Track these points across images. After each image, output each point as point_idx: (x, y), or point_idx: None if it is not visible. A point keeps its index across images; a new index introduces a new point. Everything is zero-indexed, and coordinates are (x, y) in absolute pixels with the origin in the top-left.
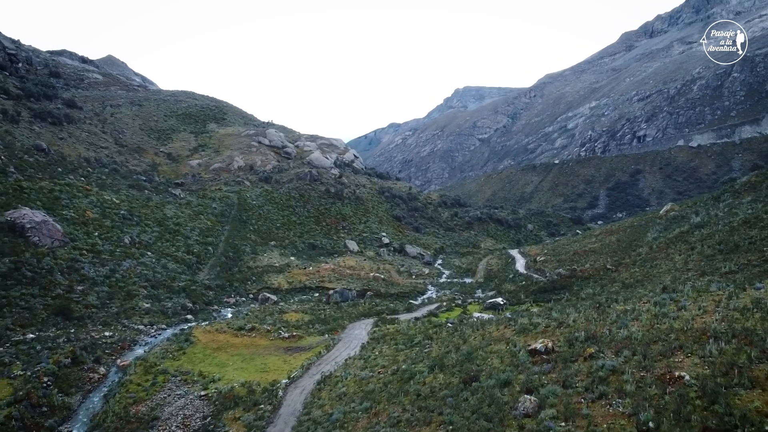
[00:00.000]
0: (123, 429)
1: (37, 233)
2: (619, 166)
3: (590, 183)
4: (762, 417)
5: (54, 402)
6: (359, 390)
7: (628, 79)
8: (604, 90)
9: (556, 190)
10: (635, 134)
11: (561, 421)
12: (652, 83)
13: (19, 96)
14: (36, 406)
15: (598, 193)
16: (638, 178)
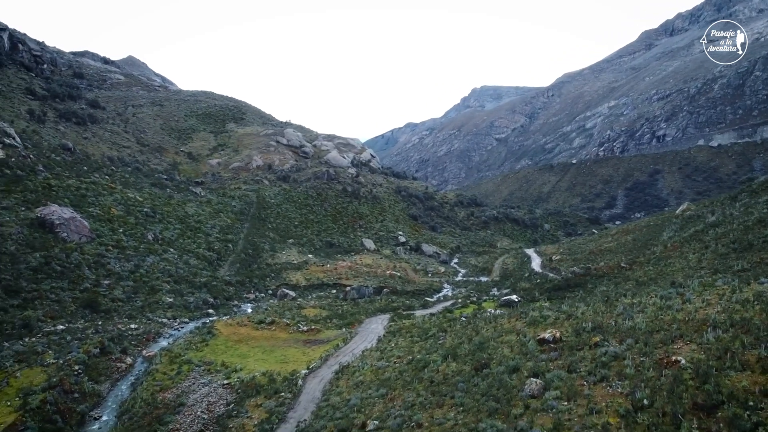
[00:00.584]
0: (151, 414)
1: (65, 229)
2: (638, 166)
3: (608, 183)
4: (747, 394)
5: (85, 389)
6: (376, 378)
7: (648, 78)
8: (623, 89)
9: (573, 190)
10: (654, 134)
11: (564, 401)
12: (672, 82)
13: (44, 96)
14: (68, 392)
15: (616, 193)
16: (657, 179)
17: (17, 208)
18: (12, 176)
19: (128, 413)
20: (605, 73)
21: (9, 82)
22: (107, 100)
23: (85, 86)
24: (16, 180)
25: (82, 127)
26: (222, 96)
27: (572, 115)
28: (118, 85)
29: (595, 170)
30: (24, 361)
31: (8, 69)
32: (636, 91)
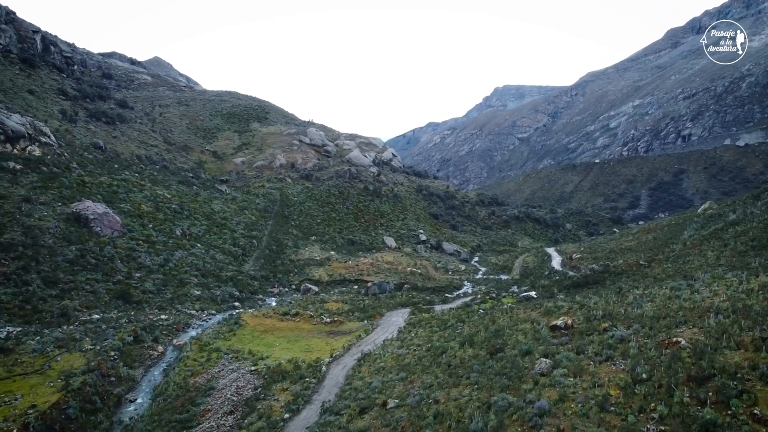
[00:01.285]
0: (184, 396)
1: (99, 224)
2: (662, 166)
3: (632, 183)
4: (738, 368)
5: (120, 373)
6: (396, 364)
7: (674, 77)
8: (648, 88)
9: (596, 189)
10: (680, 133)
11: (570, 377)
12: (698, 81)
13: (75, 97)
14: (105, 376)
15: (640, 193)
16: (682, 178)
17: (54, 204)
18: (48, 173)
19: (162, 395)
20: (630, 72)
21: (42, 83)
22: (135, 100)
23: (114, 86)
24: (52, 177)
25: (111, 126)
26: (246, 96)
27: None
28: (145, 86)
29: (618, 170)
30: (64, 347)
31: (41, 70)
32: (661, 90)
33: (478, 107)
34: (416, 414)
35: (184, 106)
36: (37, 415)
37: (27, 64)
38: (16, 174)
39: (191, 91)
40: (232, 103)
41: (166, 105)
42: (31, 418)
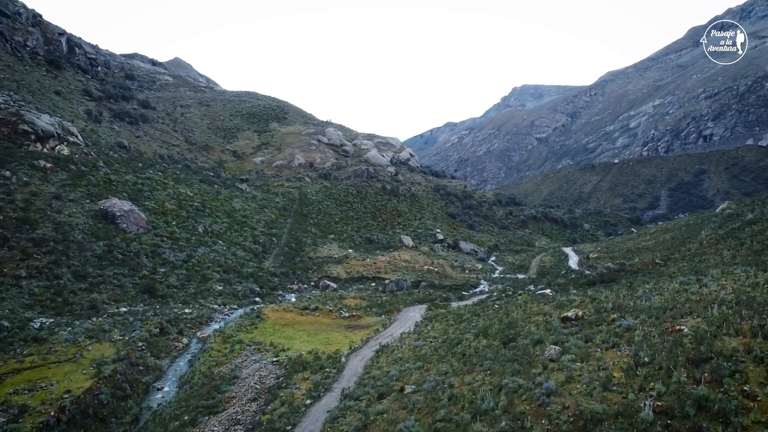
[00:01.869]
0: (209, 384)
1: (125, 220)
2: (682, 166)
3: (651, 183)
4: (733, 352)
5: (148, 363)
6: (413, 355)
7: (695, 76)
8: (668, 87)
9: (615, 190)
10: (701, 133)
11: (577, 362)
12: (720, 80)
13: (100, 97)
14: (134, 365)
15: (660, 194)
16: (702, 179)
17: (83, 201)
18: (77, 171)
19: (188, 383)
20: (650, 71)
21: (68, 84)
22: (157, 101)
23: (136, 87)
24: (80, 175)
25: (134, 126)
26: (265, 96)
27: (615, 114)
28: (166, 86)
29: (637, 170)
30: (94, 337)
31: (66, 71)
32: (682, 89)
33: (496, 107)
34: (432, 397)
35: (205, 107)
36: (72, 400)
37: (53, 66)
38: (47, 172)
39: (211, 91)
40: (252, 104)
41: (187, 105)
42: (66, 402)
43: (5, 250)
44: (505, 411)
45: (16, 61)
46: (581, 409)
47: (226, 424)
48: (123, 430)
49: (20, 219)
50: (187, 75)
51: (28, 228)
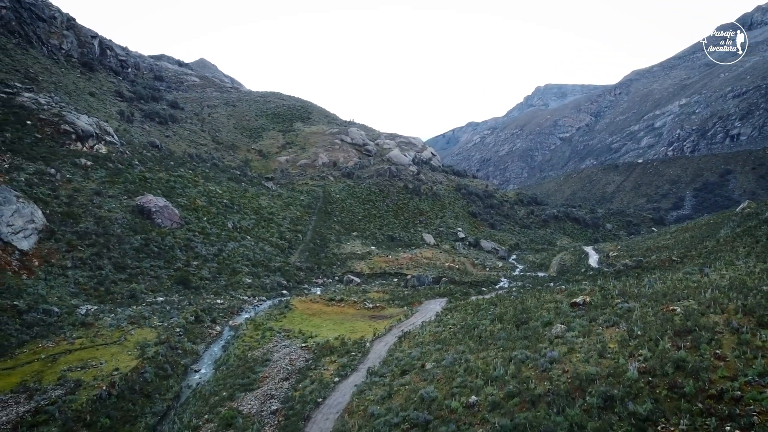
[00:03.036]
0: (244, 365)
1: (160, 216)
2: (708, 166)
3: (675, 183)
4: (715, 325)
5: (185, 347)
6: (433, 339)
7: (723, 75)
8: (695, 86)
9: (638, 190)
10: (728, 133)
11: (580, 337)
12: (749, 78)
13: (131, 98)
14: (173, 348)
15: (684, 194)
16: (728, 179)
17: (120, 197)
18: (114, 169)
19: (224, 365)
20: (677, 70)
21: (101, 85)
22: (185, 101)
23: (165, 88)
24: (117, 172)
25: (164, 126)
26: (289, 96)
27: (640, 113)
28: (193, 87)
29: (661, 170)
30: (135, 323)
31: (99, 73)
32: (710, 88)
33: (519, 107)
34: (450, 370)
35: (231, 107)
36: (120, 377)
37: (87, 68)
38: (87, 170)
39: (237, 91)
40: (276, 104)
41: (213, 105)
42: (116, 378)
43: (52, 242)
44: (513, 377)
45: (52, 63)
46: (578, 372)
47: (261, 398)
48: (166, 405)
49: (65, 213)
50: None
51: (72, 222)
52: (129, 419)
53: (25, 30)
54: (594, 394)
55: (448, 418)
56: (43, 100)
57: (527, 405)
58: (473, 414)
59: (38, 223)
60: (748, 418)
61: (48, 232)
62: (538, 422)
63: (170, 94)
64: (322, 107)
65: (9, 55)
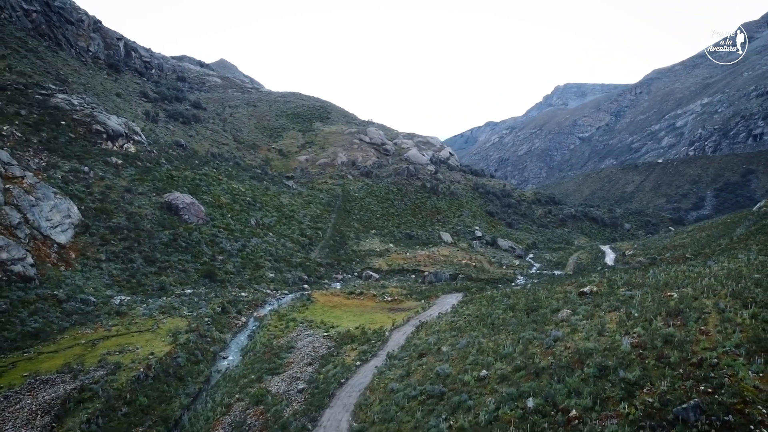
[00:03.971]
0: (270, 352)
1: (187, 212)
2: (729, 166)
3: (696, 183)
4: (704, 306)
5: (214, 336)
6: (449, 327)
7: (747, 74)
8: (718, 85)
9: (658, 190)
10: (751, 132)
11: (583, 321)
12: None
13: (155, 99)
14: (203, 336)
15: (705, 194)
16: (750, 179)
17: (149, 194)
18: (143, 167)
19: (251, 352)
20: (699, 69)
21: (126, 86)
22: (207, 102)
23: (187, 89)
24: (146, 170)
25: (187, 126)
26: (309, 96)
27: (661, 113)
28: (215, 88)
29: (682, 170)
30: (167, 313)
31: (125, 74)
32: (732, 87)
33: (538, 106)
34: (463, 351)
35: (252, 107)
36: (155, 360)
37: (113, 69)
38: (118, 168)
39: (257, 92)
40: (296, 104)
41: (235, 106)
42: (152, 361)
43: (87, 236)
44: (521, 354)
45: (81, 65)
46: (578, 348)
47: (287, 380)
48: (198, 387)
49: (98, 209)
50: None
51: (105, 217)
52: (164, 399)
53: (55, 33)
54: (591, 365)
55: (461, 389)
56: (76, 101)
57: (532, 376)
58: (483, 385)
59: (74, 218)
60: (719, 380)
61: (83, 227)
62: (541, 389)
63: (193, 95)
64: (340, 107)
65: (41, 58)
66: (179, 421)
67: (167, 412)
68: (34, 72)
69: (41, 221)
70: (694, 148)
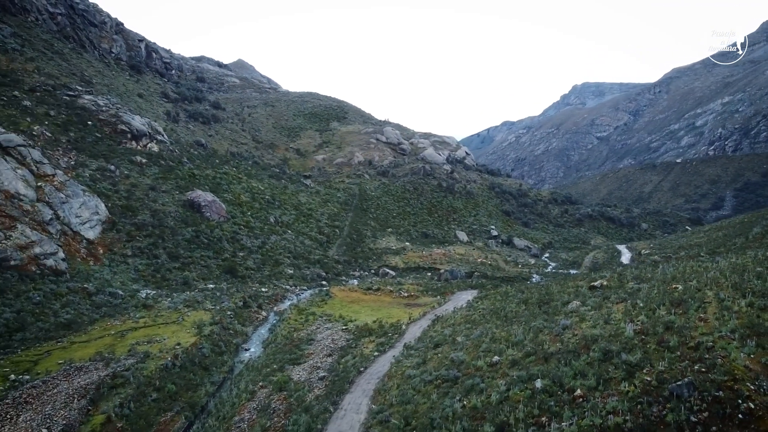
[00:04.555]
0: (290, 343)
1: (208, 210)
2: (749, 166)
3: (715, 183)
4: (705, 296)
5: (236, 328)
6: (464, 321)
7: None
8: (739, 84)
9: (677, 190)
10: None
11: (591, 311)
12: None
13: (176, 99)
14: (226, 329)
15: (724, 194)
16: None
17: (173, 192)
18: (166, 166)
19: (273, 343)
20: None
21: (148, 87)
22: (226, 102)
23: (207, 89)
24: (169, 169)
25: (207, 125)
26: (326, 96)
27: (681, 112)
28: (233, 88)
29: (701, 170)
30: (191, 306)
31: (146, 75)
32: (754, 86)
33: (556, 105)
34: (477, 340)
35: (270, 107)
36: (182, 350)
37: (135, 70)
38: (143, 166)
39: (275, 92)
40: (313, 104)
41: (253, 106)
42: (178, 351)
43: (114, 232)
44: (531, 341)
45: (104, 66)
46: (585, 335)
47: (308, 369)
48: (222, 376)
49: (124, 206)
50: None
51: (130, 214)
52: (191, 387)
53: (79, 35)
54: (596, 350)
55: (474, 374)
56: (102, 101)
57: (541, 361)
58: (495, 370)
59: (102, 214)
60: (713, 361)
61: (110, 224)
62: (549, 372)
63: (212, 95)
64: (357, 107)
65: (66, 60)
66: (205, 407)
67: (194, 399)
68: (61, 74)
69: (71, 218)
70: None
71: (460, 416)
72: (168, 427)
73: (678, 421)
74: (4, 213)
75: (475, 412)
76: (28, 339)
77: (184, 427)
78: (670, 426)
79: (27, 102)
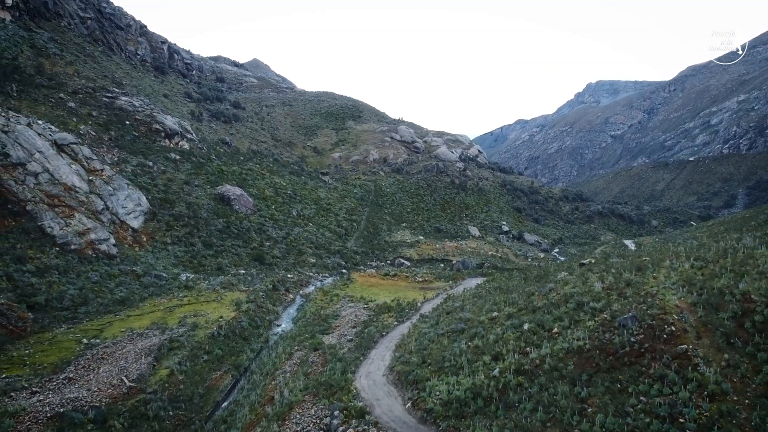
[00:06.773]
0: (319, 318)
1: (237, 203)
2: (762, 164)
3: (728, 181)
4: (662, 263)
5: (268, 307)
6: (472, 296)
7: None
8: (755, 82)
9: (689, 188)
10: None
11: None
12: None
13: (198, 99)
14: (260, 307)
15: (737, 192)
16: None
17: (205, 186)
18: (197, 162)
19: (302, 319)
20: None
21: (171, 87)
22: (245, 101)
23: (226, 89)
24: (200, 165)
25: (228, 125)
26: (341, 96)
27: (696, 110)
28: (251, 88)
29: (713, 168)
30: (227, 287)
31: (169, 76)
32: None
33: (570, 104)
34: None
35: (288, 107)
36: (225, 322)
37: (159, 71)
38: (177, 163)
39: (292, 92)
40: (329, 103)
41: (271, 105)
42: (222, 323)
43: (155, 222)
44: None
45: (131, 68)
46: (566, 292)
47: (337, 337)
48: (260, 345)
49: (163, 199)
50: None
51: (168, 206)
52: (234, 353)
53: (107, 38)
54: (572, 302)
55: (477, 325)
56: (137, 102)
57: (530, 312)
58: (494, 321)
59: (144, 206)
60: (653, 302)
61: (151, 214)
62: (535, 319)
63: (232, 95)
64: (372, 106)
65: (98, 62)
66: (248, 368)
67: (238, 361)
68: (96, 76)
69: (118, 208)
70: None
71: (465, 352)
72: (219, 382)
73: (622, 342)
74: (64, 203)
75: (476, 350)
76: (91, 312)
77: (232, 383)
78: (616, 345)
79: (71, 103)
